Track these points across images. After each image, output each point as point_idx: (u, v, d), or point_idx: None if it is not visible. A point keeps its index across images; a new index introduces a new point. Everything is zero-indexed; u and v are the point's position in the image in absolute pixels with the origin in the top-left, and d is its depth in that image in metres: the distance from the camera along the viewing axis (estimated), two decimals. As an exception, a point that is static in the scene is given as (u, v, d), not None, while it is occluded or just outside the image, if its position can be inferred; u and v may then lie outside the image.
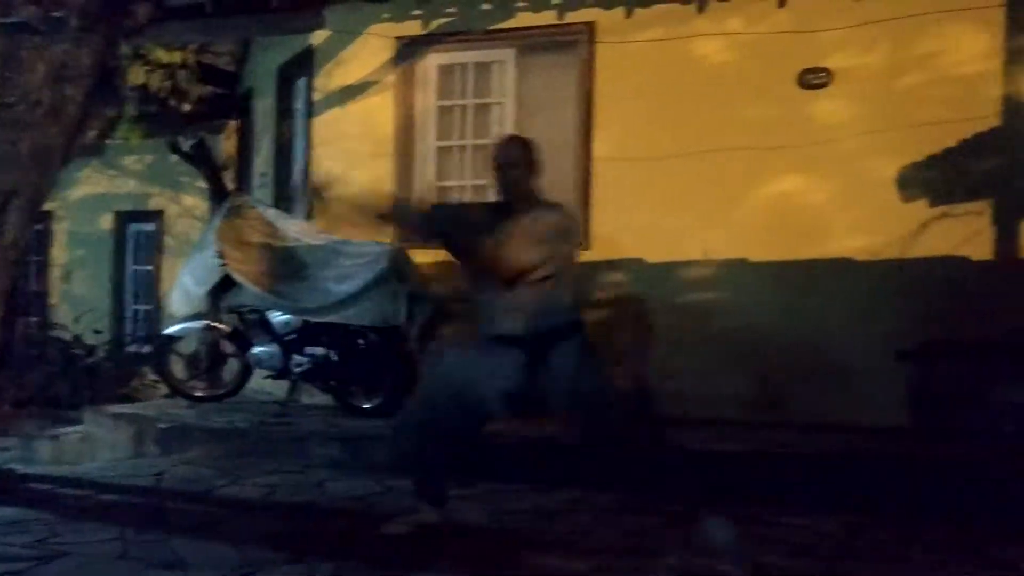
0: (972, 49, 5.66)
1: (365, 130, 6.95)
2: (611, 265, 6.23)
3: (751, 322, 5.93)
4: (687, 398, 5.91)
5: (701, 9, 6.12)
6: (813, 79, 5.91)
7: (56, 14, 5.71)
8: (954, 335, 5.51)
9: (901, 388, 5.57)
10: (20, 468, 5.06)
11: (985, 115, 5.59)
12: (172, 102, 7.25)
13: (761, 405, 5.85)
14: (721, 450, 5.05)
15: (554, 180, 6.37)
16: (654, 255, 6.14)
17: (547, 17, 6.44)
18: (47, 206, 8.27)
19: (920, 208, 5.71)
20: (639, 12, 6.25)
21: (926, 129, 5.60)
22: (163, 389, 7.67)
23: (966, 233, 5.60)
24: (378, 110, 6.89)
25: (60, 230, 11.12)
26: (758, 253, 5.91)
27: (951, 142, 5.62)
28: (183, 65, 7.10)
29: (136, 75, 6.81)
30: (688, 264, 6.08)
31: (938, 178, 5.68)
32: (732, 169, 5.94)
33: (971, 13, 5.61)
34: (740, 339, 5.92)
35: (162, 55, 6.94)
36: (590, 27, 6.34)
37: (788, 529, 4.08)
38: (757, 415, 5.80)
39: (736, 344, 5.92)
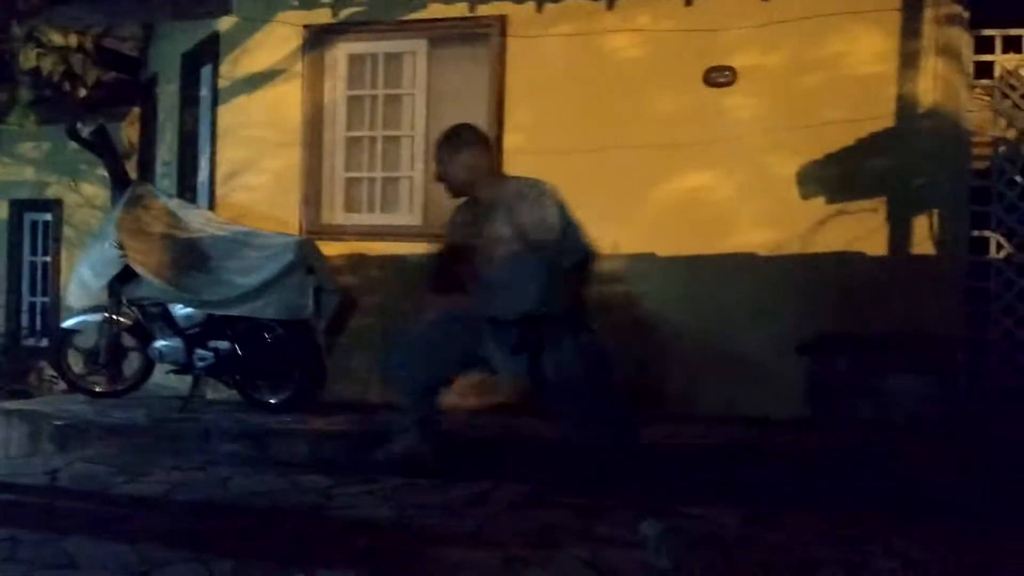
0: (869, 51, 5.84)
1: (272, 119, 6.83)
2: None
3: (657, 315, 6.02)
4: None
5: (610, 5, 6.17)
6: (718, 77, 6.01)
7: (-57, -7, 5.48)
8: (851, 328, 5.69)
9: (799, 380, 5.73)
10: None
11: (881, 115, 5.78)
12: (66, 87, 6.98)
13: (664, 398, 5.95)
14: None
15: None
16: (563, 249, 6.16)
17: (459, 9, 6.42)
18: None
19: (819, 205, 5.87)
20: (550, 7, 6.28)
21: (825, 128, 5.76)
22: (61, 384, 7.42)
23: (862, 230, 5.79)
24: (286, 99, 6.78)
25: (-50, 218, 10.66)
26: (666, 248, 6.00)
27: (849, 141, 5.79)
28: (79, 48, 6.84)
29: (28, 58, 6.52)
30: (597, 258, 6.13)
31: (836, 176, 5.85)
32: (641, 164, 6.02)
33: (869, 16, 5.80)
34: (649, 332, 6.01)
35: (56, 37, 6.66)
36: (501, 20, 6.34)
37: (686, 519, 4.16)
38: (662, 408, 5.90)
39: (644, 338, 6.01)
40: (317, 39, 6.72)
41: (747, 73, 5.99)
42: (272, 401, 6.19)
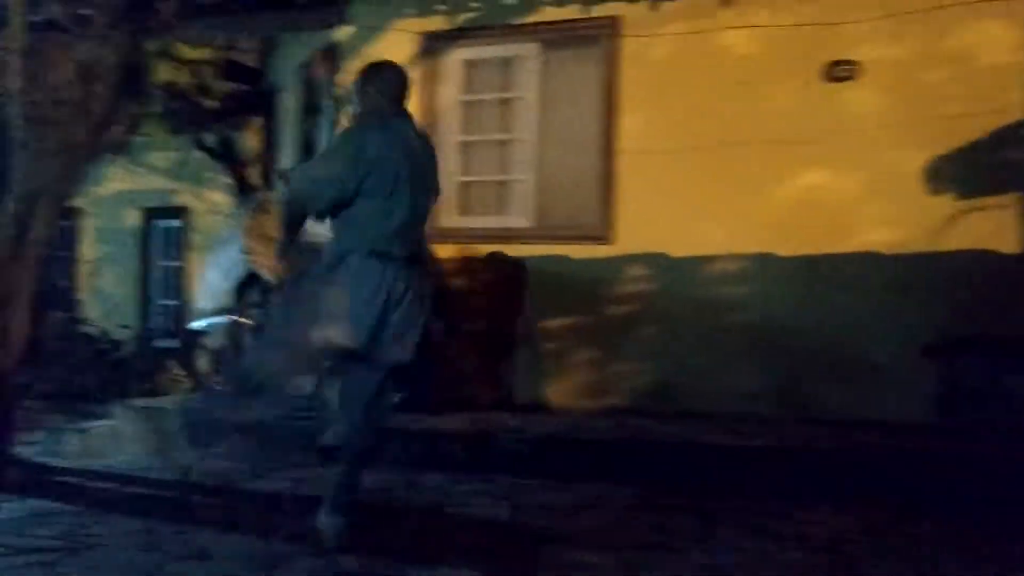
0: (999, 41, 5.58)
1: (388, 125, 6.94)
2: (634, 260, 6.22)
3: (776, 317, 5.89)
4: (711, 394, 5.89)
5: (726, 2, 6.07)
6: (839, 71, 5.85)
7: (83, 12, 5.77)
8: (982, 329, 5.45)
9: (927, 384, 5.51)
10: (49, 461, 5.13)
11: (1011, 108, 5.52)
12: (197, 99, 7.32)
13: (785, 401, 5.81)
14: (741, 445, 5.04)
15: (577, 174, 6.45)
16: (678, 249, 6.11)
17: (571, 11, 6.42)
18: (75, 203, 8.35)
19: (946, 201, 5.64)
20: (664, 5, 6.21)
21: (953, 121, 5.53)
22: (189, 383, 7.73)
23: (993, 227, 5.53)
24: (401, 105, 6.88)
25: (88, 226, 11.21)
26: (784, 247, 5.87)
27: (978, 135, 5.54)
28: (208, 62, 7.17)
29: (162, 72, 6.87)
30: (713, 258, 6.05)
31: (965, 171, 5.61)
32: (758, 162, 5.91)
33: (998, 5, 5.54)
34: (767, 335, 5.88)
35: (187, 52, 7.00)
36: (615, 21, 6.31)
37: (806, 525, 4.07)
38: (781, 411, 5.77)
39: (762, 339, 5.89)
40: (432, 45, 6.82)
41: (870, 66, 5.80)
42: (389, 401, 6.29)
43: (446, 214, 6.84)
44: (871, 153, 5.76)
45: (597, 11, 6.35)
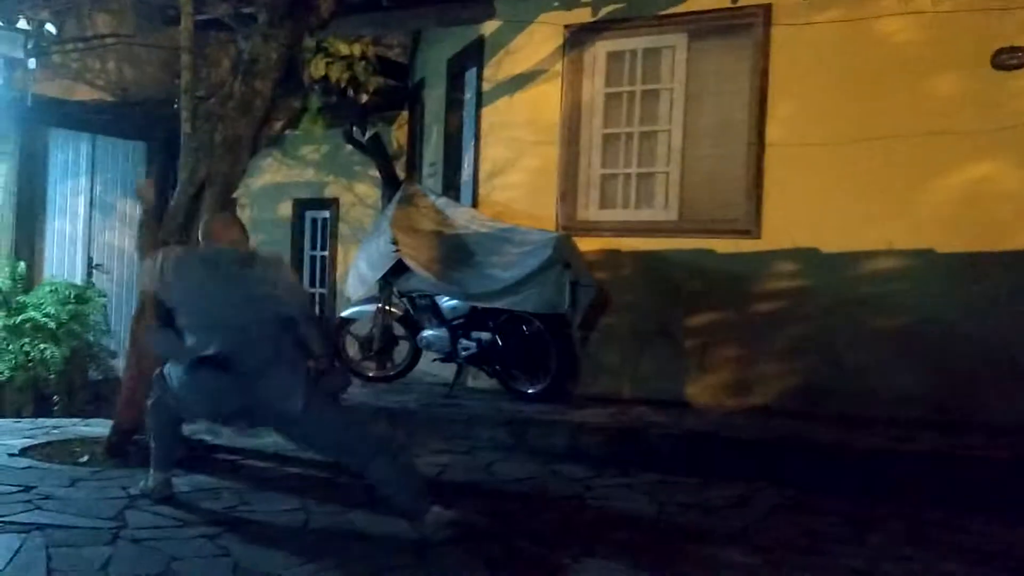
0: None
1: (532, 118, 6.99)
2: (783, 255, 6.05)
3: (937, 317, 5.62)
4: (867, 396, 5.68)
5: (885, -13, 5.84)
6: (1009, 59, 5.52)
7: (246, 11, 6.05)
8: None
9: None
10: (209, 439, 5.39)
11: None
12: (350, 93, 7.56)
13: (946, 405, 5.54)
14: (896, 449, 4.85)
15: (724, 166, 6.33)
16: (831, 245, 5.90)
17: (721, 0, 6.29)
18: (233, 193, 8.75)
19: None
20: (818, -8, 6.02)
21: None
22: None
23: None
24: (545, 99, 6.91)
25: (244, 216, 11.68)
26: (946, 244, 5.59)
27: None
28: (361, 57, 7.40)
29: (317, 68, 7.13)
30: (868, 255, 5.82)
31: None
32: (918, 155, 5.64)
33: None
34: (925, 335, 5.63)
35: (342, 48, 7.25)
36: (766, 9, 6.13)
37: (966, 535, 3.88)
38: (942, 416, 5.50)
39: (921, 341, 5.64)
40: (577, 38, 6.81)
41: (1041, 54, 5.46)
42: (529, 391, 6.36)
43: (585, 208, 6.85)
44: (1043, 145, 5.43)
45: (747, -1, 6.21)
